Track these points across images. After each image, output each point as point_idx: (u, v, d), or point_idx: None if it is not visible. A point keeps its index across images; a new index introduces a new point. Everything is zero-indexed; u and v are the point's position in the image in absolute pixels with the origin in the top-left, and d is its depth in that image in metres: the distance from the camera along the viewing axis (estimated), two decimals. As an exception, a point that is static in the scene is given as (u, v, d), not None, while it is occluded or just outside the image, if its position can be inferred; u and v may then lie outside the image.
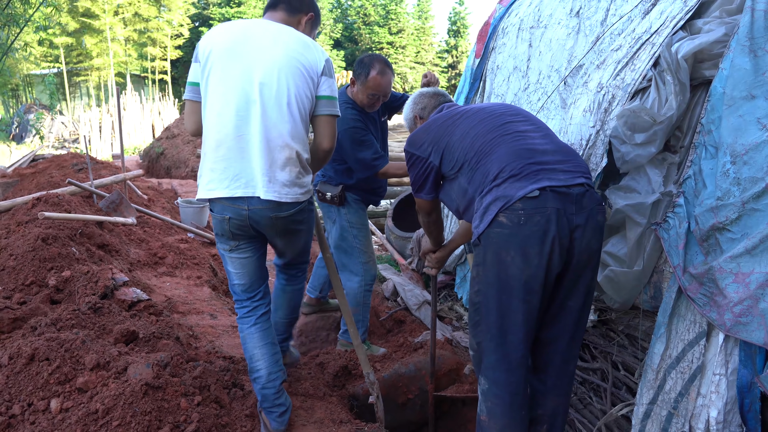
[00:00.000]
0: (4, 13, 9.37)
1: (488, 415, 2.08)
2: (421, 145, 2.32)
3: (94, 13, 23.15)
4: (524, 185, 1.91)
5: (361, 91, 3.13)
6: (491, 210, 1.94)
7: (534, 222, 1.87)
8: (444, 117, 2.35)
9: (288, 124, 2.18)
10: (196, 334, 3.39)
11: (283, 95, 2.17)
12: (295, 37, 2.26)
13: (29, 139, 18.13)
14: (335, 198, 3.26)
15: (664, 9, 2.47)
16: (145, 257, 4.99)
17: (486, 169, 2.04)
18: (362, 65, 3.13)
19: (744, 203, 1.87)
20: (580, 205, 1.94)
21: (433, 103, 2.63)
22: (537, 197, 1.89)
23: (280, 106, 2.17)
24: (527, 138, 2.08)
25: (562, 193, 1.91)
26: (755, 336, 1.82)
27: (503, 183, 1.96)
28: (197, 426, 2.12)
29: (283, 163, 2.18)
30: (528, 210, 1.88)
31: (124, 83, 24.36)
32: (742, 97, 1.92)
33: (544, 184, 1.91)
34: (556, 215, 1.88)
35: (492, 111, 2.25)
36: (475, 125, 2.19)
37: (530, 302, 1.94)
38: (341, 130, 3.08)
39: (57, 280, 3.33)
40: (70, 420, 2.03)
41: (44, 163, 8.34)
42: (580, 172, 2.01)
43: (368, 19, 38.70)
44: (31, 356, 2.28)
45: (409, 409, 2.94)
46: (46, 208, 4.64)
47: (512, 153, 2.02)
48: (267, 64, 2.17)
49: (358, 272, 3.39)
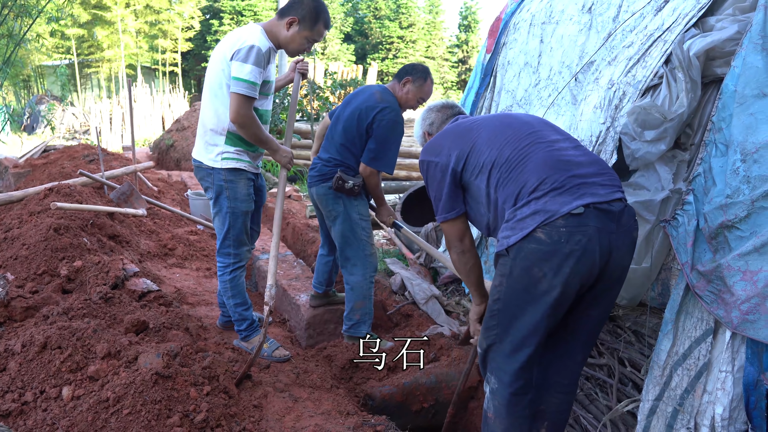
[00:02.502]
0: (17, 3, 9.43)
1: (495, 413, 2.10)
2: (441, 151, 2.18)
3: (105, 4, 23.22)
4: (568, 200, 1.83)
5: (414, 93, 3.28)
6: (528, 223, 1.85)
7: (575, 241, 1.79)
8: (466, 123, 2.25)
9: (207, 103, 2.93)
10: (206, 325, 3.43)
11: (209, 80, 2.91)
12: (233, 36, 2.83)
13: (40, 129, 18.22)
14: (356, 187, 3.26)
15: (677, 6, 2.47)
16: (155, 248, 5.04)
17: (522, 179, 1.93)
18: (418, 71, 3.27)
19: (753, 201, 1.87)
20: (620, 222, 1.87)
21: (441, 117, 2.54)
22: (581, 214, 1.80)
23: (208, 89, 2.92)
24: (561, 149, 1.98)
25: (604, 210, 1.83)
26: (762, 334, 1.83)
27: (544, 196, 1.86)
28: (206, 415, 2.14)
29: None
30: (570, 227, 1.80)
31: (135, 75, 24.47)
32: (753, 95, 1.92)
33: (587, 201, 1.82)
34: (598, 235, 1.81)
35: (517, 117, 2.18)
36: (503, 130, 2.09)
37: (554, 317, 1.92)
38: (392, 123, 3.17)
39: (69, 270, 3.37)
40: (82, 407, 2.06)
41: (56, 153, 8.40)
42: (616, 186, 1.93)
43: (379, 13, 38.63)
44: (43, 344, 2.31)
45: (422, 416, 2.95)
46: (57, 198, 4.68)
47: (550, 164, 1.92)
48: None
49: (363, 264, 3.38)
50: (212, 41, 30.96)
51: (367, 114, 3.16)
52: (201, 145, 2.96)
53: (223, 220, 3.02)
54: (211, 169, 2.92)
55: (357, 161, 3.26)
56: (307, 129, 9.71)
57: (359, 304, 3.41)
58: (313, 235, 5.39)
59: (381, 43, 37.87)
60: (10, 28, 9.90)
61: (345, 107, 3.33)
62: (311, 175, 3.39)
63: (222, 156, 2.90)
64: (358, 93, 3.34)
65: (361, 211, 3.34)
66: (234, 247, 3.08)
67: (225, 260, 3.11)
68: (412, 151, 9.02)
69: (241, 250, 3.11)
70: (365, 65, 30.55)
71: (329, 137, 3.38)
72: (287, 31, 2.83)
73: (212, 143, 2.91)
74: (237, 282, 3.15)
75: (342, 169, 3.24)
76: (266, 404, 2.52)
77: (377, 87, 3.30)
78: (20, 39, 10.26)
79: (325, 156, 3.33)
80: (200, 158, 2.96)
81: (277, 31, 2.85)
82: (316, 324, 3.79)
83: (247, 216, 3.06)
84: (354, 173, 3.27)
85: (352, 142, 3.23)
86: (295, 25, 2.81)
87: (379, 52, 37.94)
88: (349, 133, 3.23)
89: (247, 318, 3.20)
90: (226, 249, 3.08)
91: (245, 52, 2.67)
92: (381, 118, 3.14)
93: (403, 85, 3.26)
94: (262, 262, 4.60)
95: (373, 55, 37.86)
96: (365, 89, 3.35)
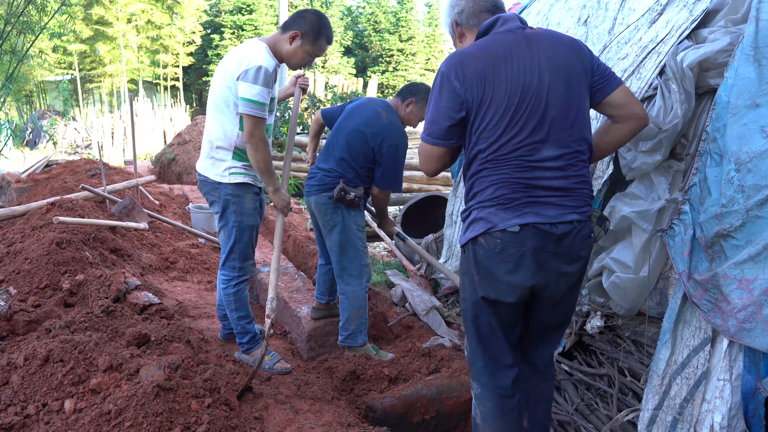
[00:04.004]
0: (20, 21, 9.51)
1: (482, 419, 2.14)
2: (465, 74, 1.93)
3: (107, 20, 23.38)
4: (509, 216, 1.91)
5: (416, 114, 3.37)
6: (474, 228, 1.98)
7: (507, 254, 1.91)
8: (497, 57, 1.93)
9: (212, 119, 2.96)
10: (207, 338, 3.43)
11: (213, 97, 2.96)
12: (238, 53, 2.83)
13: (43, 144, 18.30)
14: (357, 198, 3.29)
15: (671, 18, 2.50)
16: (156, 262, 5.05)
17: (487, 182, 1.96)
18: (422, 92, 3.33)
19: (748, 210, 1.89)
20: (561, 243, 1.91)
21: (473, 7, 2.12)
22: (517, 232, 1.90)
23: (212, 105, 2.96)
24: (538, 176, 1.91)
25: (544, 231, 1.89)
26: (759, 342, 1.84)
27: (492, 207, 1.94)
28: (207, 427, 2.15)
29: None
30: (505, 241, 1.91)
31: (136, 90, 24.57)
32: (746, 105, 1.94)
33: (528, 220, 1.89)
34: (533, 252, 1.90)
35: (539, 110, 1.91)
36: (514, 119, 1.91)
37: (499, 315, 2.03)
38: (399, 148, 3.26)
39: (71, 284, 3.38)
40: (84, 420, 2.07)
41: (58, 168, 8.43)
42: (574, 207, 1.93)
43: (379, 27, 38.81)
44: (45, 358, 2.32)
45: (423, 428, 2.95)
46: (60, 212, 4.70)
47: (510, 181, 1.92)
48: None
49: (360, 274, 3.41)
50: (213, 56, 31.09)
51: (374, 139, 3.24)
52: (207, 160, 2.98)
53: (229, 234, 3.03)
54: (218, 183, 2.94)
55: (356, 174, 3.31)
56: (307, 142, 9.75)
57: (355, 314, 3.43)
58: (314, 248, 5.41)
59: (381, 56, 38.01)
60: (13, 44, 9.98)
61: (347, 119, 3.37)
62: (310, 184, 3.41)
63: (230, 171, 2.93)
64: (360, 106, 3.37)
65: (358, 222, 3.37)
66: (239, 261, 3.10)
67: (230, 273, 3.12)
68: (412, 163, 9.05)
69: (246, 264, 3.14)
70: (365, 78, 30.67)
71: (328, 148, 3.42)
72: (290, 45, 2.86)
73: (219, 158, 2.93)
74: (241, 295, 3.16)
75: (344, 180, 3.28)
76: (267, 416, 2.53)
77: (381, 104, 3.34)
78: (23, 55, 10.34)
79: (326, 166, 3.37)
80: (206, 173, 2.97)
81: (280, 46, 2.89)
82: (318, 336, 3.80)
83: (252, 230, 3.09)
84: (354, 185, 3.30)
85: (354, 158, 3.28)
86: (297, 39, 2.85)
87: (379, 65, 38.08)
88: (352, 150, 3.27)
89: (249, 331, 3.21)
90: (232, 262, 3.10)
91: (253, 74, 2.69)
92: (389, 145, 3.23)
93: (406, 106, 3.34)
94: (263, 274, 4.61)
95: (374, 68, 38.01)
96: (368, 103, 3.38)
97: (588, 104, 1.99)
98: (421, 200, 5.48)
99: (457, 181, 4.16)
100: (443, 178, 8.91)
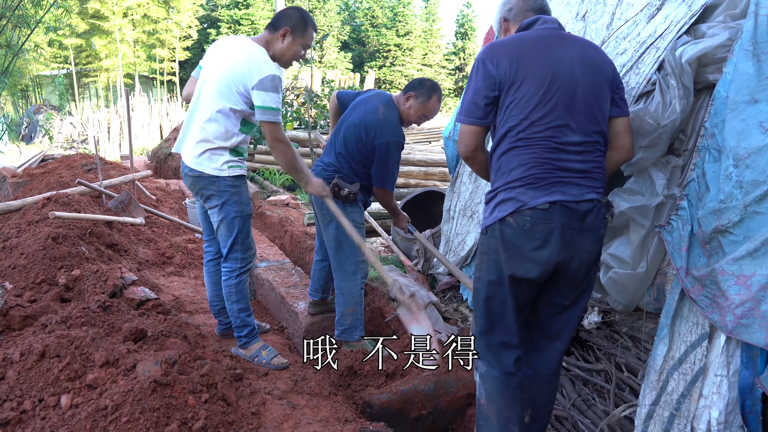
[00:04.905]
0: (15, 14, 9.46)
1: (487, 398, 2.19)
2: (499, 59, 2.07)
3: (103, 14, 23.26)
4: (538, 195, 2.00)
5: (416, 110, 3.29)
6: (502, 209, 2.05)
7: (537, 231, 2.00)
8: (532, 46, 2.08)
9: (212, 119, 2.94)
10: (204, 333, 3.43)
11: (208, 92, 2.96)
12: (241, 55, 2.86)
13: (38, 139, 18.22)
14: (351, 195, 3.29)
15: (669, 13, 2.49)
16: (153, 257, 5.04)
17: (515, 163, 2.05)
18: (424, 87, 3.27)
19: (746, 206, 1.88)
20: (584, 221, 2.02)
21: (521, 5, 2.28)
22: (546, 209, 1.99)
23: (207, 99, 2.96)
24: (562, 158, 2.02)
25: (570, 208, 2.00)
26: (756, 338, 1.84)
27: (521, 186, 2.03)
28: (204, 423, 2.15)
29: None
30: (535, 219, 1.99)
31: (132, 84, 24.46)
32: (745, 101, 1.94)
33: (555, 198, 1.99)
34: (560, 229, 1.99)
35: (565, 84, 2.03)
36: (542, 95, 2.02)
37: (518, 295, 2.09)
38: (392, 140, 3.21)
39: (67, 279, 3.37)
40: (80, 416, 2.07)
41: (54, 163, 8.40)
42: (593, 187, 2.06)
43: (376, 21, 38.77)
44: (42, 353, 2.31)
45: (420, 423, 2.96)
46: (56, 207, 4.69)
47: (539, 161, 2.02)
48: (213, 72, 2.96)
49: (355, 270, 3.41)
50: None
51: (367, 133, 3.21)
52: (202, 156, 2.98)
53: (230, 226, 3.07)
54: (216, 177, 2.98)
55: (352, 170, 3.30)
56: (305, 137, 9.73)
57: (350, 309, 3.43)
58: (311, 243, 5.40)
59: (378, 51, 37.99)
60: (8, 38, 9.93)
61: (351, 112, 3.36)
62: None
63: (228, 165, 2.99)
64: (365, 101, 3.34)
65: (355, 218, 3.35)
66: (242, 251, 3.13)
67: (232, 265, 3.15)
68: (409, 158, 9.05)
69: (248, 254, 3.18)
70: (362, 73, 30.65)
71: (331, 142, 3.42)
72: (282, 42, 2.95)
73: (218, 154, 2.98)
74: (242, 287, 3.19)
75: (339, 175, 3.27)
76: (264, 411, 2.53)
77: (383, 100, 3.31)
78: (18, 49, 10.28)
79: (326, 160, 3.38)
80: (202, 168, 2.98)
81: (273, 45, 2.97)
82: (315, 331, 3.79)
83: (250, 218, 3.15)
84: (351, 180, 3.29)
85: (350, 153, 3.27)
86: (288, 35, 2.94)
87: (376, 60, 38.05)
88: (349, 145, 3.26)
89: (248, 324, 3.23)
90: (235, 254, 3.13)
91: (270, 83, 2.79)
92: (381, 142, 3.20)
93: (406, 100, 3.29)
94: (260, 270, 4.61)
95: (371, 63, 37.98)
96: (372, 97, 3.35)
97: (609, 105, 2.12)
98: (418, 196, 5.46)
99: (455, 176, 4.16)
100: (440, 173, 8.90)
